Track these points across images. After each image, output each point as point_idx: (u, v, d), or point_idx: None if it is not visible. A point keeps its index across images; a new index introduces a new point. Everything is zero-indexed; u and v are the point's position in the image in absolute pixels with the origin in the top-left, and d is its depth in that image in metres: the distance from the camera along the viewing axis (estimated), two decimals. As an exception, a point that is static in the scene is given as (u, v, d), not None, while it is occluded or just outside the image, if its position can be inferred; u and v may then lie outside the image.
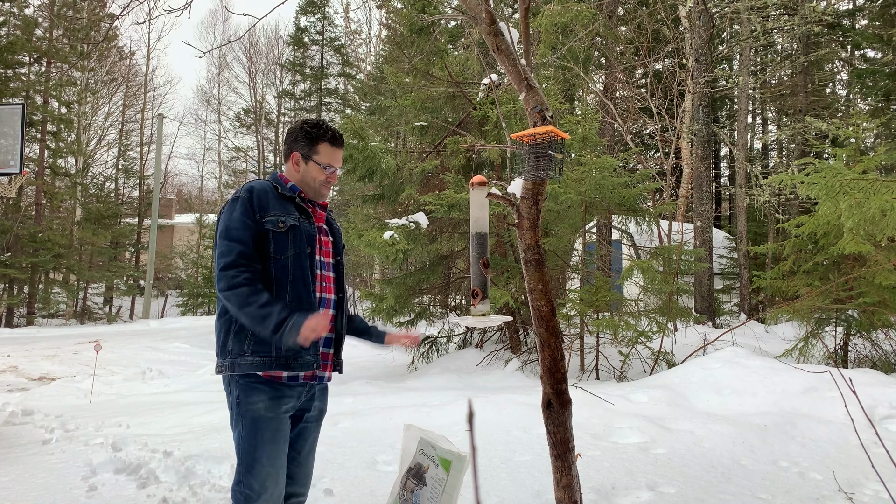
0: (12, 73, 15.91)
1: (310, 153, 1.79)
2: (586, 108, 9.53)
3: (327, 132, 1.80)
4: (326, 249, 1.82)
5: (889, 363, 5.65)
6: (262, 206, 1.67)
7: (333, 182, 1.83)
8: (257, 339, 1.61)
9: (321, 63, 28.34)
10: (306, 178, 1.79)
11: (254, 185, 1.72)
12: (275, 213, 1.67)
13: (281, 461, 1.64)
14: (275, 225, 1.66)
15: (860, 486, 2.82)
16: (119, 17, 4.09)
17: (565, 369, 1.77)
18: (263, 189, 1.71)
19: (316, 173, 1.79)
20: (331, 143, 1.80)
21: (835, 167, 4.39)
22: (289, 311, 1.57)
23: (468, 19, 1.86)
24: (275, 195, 1.72)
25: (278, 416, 1.65)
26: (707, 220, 10.55)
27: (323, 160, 1.79)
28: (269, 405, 1.63)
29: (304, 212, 1.75)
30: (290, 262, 1.66)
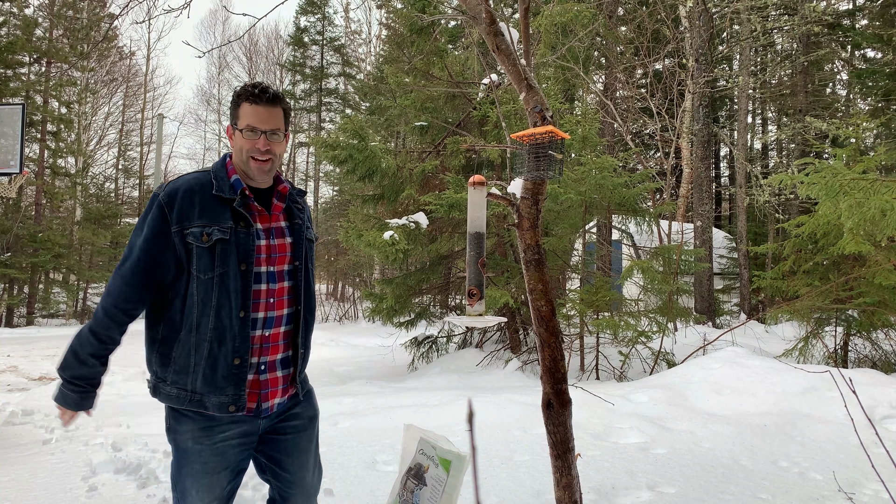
0: (12, 73, 15.91)
1: (233, 119, 1.46)
2: (586, 108, 9.53)
3: (249, 87, 1.45)
4: (279, 256, 1.50)
5: (889, 363, 5.65)
6: (183, 215, 1.38)
7: (264, 152, 1.44)
8: (178, 368, 1.40)
9: (321, 63, 28.35)
10: (235, 154, 1.47)
11: (180, 185, 1.42)
12: (200, 222, 1.38)
13: (216, 493, 1.43)
14: (197, 238, 1.37)
15: (860, 486, 2.82)
16: (119, 16, 4.09)
17: (565, 369, 1.77)
18: (190, 191, 1.40)
19: (239, 142, 1.44)
20: (253, 100, 1.42)
21: (835, 167, 4.39)
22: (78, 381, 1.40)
23: (468, 19, 1.86)
24: (206, 198, 1.41)
25: (211, 448, 1.41)
26: (707, 220, 10.55)
27: (242, 123, 1.43)
28: (199, 436, 1.41)
29: (242, 218, 1.43)
30: (215, 282, 1.38)
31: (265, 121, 1.43)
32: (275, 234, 1.50)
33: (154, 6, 16.56)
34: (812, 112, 12.53)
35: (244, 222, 1.43)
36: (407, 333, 7.71)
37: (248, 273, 1.42)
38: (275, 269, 1.48)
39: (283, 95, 1.48)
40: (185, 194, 1.40)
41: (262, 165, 1.45)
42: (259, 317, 1.45)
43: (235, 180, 1.46)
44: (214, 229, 1.39)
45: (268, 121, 1.44)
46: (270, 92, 1.45)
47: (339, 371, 7.29)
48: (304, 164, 28.60)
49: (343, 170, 7.04)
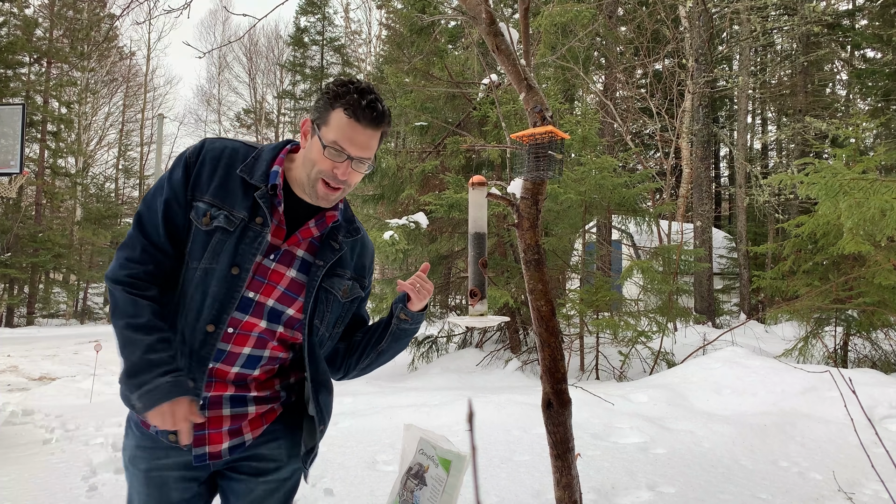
0: (12, 73, 15.92)
1: (319, 121, 1.12)
2: (586, 108, 9.53)
3: (355, 92, 1.10)
4: (276, 287, 1.15)
5: (889, 363, 5.65)
6: (199, 181, 1.13)
7: (341, 179, 1.13)
8: None
9: (321, 63, 28.34)
10: (304, 162, 1.16)
11: (210, 148, 1.16)
12: (211, 198, 1.12)
13: None
14: (199, 216, 1.11)
15: (860, 485, 2.82)
16: (119, 17, 4.10)
17: (565, 369, 1.77)
18: (216, 158, 1.15)
19: (315, 155, 1.12)
20: (353, 114, 1.09)
21: (834, 167, 4.39)
22: (172, 363, 1.06)
23: (468, 19, 1.86)
24: (230, 174, 1.14)
25: (147, 476, 1.15)
26: (707, 220, 10.55)
27: (329, 135, 1.10)
28: (136, 455, 1.16)
29: (260, 213, 1.13)
30: (197, 278, 1.12)
31: (361, 146, 1.11)
32: (281, 258, 1.16)
33: (154, 6, 16.54)
34: (812, 112, 12.54)
35: (261, 218, 1.13)
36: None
37: (237, 283, 1.11)
38: (264, 302, 1.15)
39: (389, 113, 1.16)
40: (211, 160, 1.15)
41: (329, 193, 1.15)
42: (228, 351, 1.14)
43: (274, 172, 1.15)
44: (222, 214, 1.11)
45: (363, 146, 1.12)
46: (379, 109, 1.11)
47: (339, 371, 7.28)
48: (304, 165, 28.63)
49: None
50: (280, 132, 29.00)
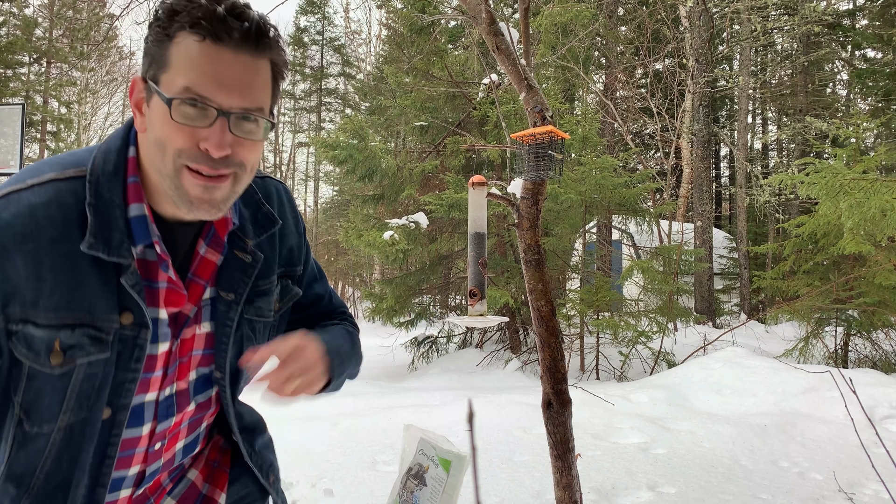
0: (12, 73, 15.92)
1: (155, 68, 0.67)
2: (586, 108, 9.53)
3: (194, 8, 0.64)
4: (185, 362, 0.78)
5: (889, 363, 5.65)
6: (13, 289, 0.64)
7: (217, 156, 0.66)
8: None
9: (321, 63, 28.35)
10: (150, 148, 0.69)
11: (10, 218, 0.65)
12: (50, 313, 0.65)
13: None
14: (39, 350, 0.66)
15: (860, 486, 2.82)
16: (119, 17, 4.11)
17: (565, 369, 1.77)
18: (31, 235, 0.64)
19: (162, 128, 0.66)
20: (207, 31, 0.64)
21: (835, 167, 4.39)
22: None
23: (468, 19, 1.86)
24: (66, 255, 0.66)
25: None
26: (707, 220, 10.55)
27: (176, 82, 0.65)
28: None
29: (130, 305, 0.69)
30: (55, 443, 0.69)
31: (234, 86, 0.65)
32: (191, 320, 0.77)
33: (154, 6, 16.53)
34: (812, 112, 12.54)
35: (132, 314, 0.69)
36: (407, 333, 7.70)
37: (114, 422, 0.71)
38: (174, 391, 0.78)
39: (273, 28, 0.68)
40: (20, 241, 0.64)
41: (208, 189, 0.67)
42: (126, 475, 0.76)
43: (137, 219, 0.69)
44: (83, 332, 0.66)
45: (241, 86, 0.65)
46: (252, 18, 0.65)
47: (339, 371, 7.28)
48: (304, 165, 28.62)
49: (343, 170, 7.04)
50: (279, 132, 29.00)
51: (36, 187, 0.67)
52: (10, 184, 0.68)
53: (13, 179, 0.69)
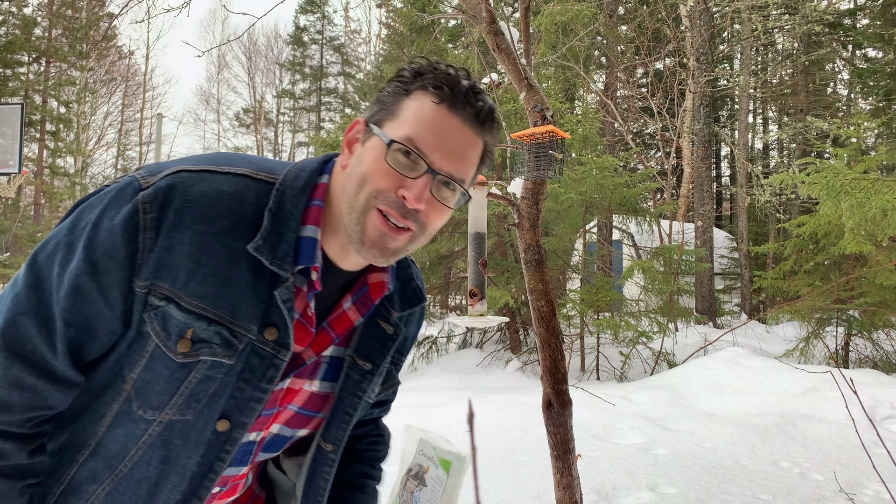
0: (11, 72, 15.92)
1: (381, 115, 0.70)
2: (587, 108, 9.52)
3: (444, 73, 0.69)
4: (285, 410, 0.75)
5: (890, 363, 5.64)
6: (168, 261, 0.63)
7: (412, 208, 0.67)
8: None
9: (321, 62, 28.34)
10: (346, 185, 0.69)
11: (187, 186, 0.64)
12: (197, 300, 0.63)
13: None
14: (167, 331, 0.63)
15: (861, 486, 2.81)
16: (118, 16, 4.11)
17: (566, 370, 1.76)
18: (207, 212, 0.64)
19: (369, 166, 0.67)
20: (446, 97, 0.67)
21: (836, 167, 4.38)
22: None
23: (468, 18, 1.85)
24: (229, 251, 0.65)
25: None
26: (708, 220, 10.54)
27: (400, 129, 0.67)
28: None
29: (274, 319, 0.67)
30: (151, 436, 0.66)
31: (453, 153, 0.67)
32: (305, 370, 0.74)
33: (153, 5, 16.56)
34: (813, 112, 12.53)
35: (274, 330, 0.66)
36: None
37: (230, 437, 0.68)
38: (257, 439, 0.73)
39: (496, 117, 0.72)
40: (194, 219, 0.63)
41: (390, 236, 0.67)
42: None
43: (308, 240, 0.68)
44: (216, 332, 0.64)
45: (458, 156, 0.68)
46: (486, 102, 0.70)
47: (339, 371, 7.29)
48: (304, 164, 28.63)
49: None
50: (279, 132, 29.00)
51: (230, 176, 0.67)
52: (204, 161, 0.68)
53: (208, 158, 0.69)
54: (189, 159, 0.68)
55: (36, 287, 0.62)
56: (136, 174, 0.66)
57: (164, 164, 0.67)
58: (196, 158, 0.69)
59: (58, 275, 0.62)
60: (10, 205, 15.91)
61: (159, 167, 0.67)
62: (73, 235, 0.63)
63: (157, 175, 0.65)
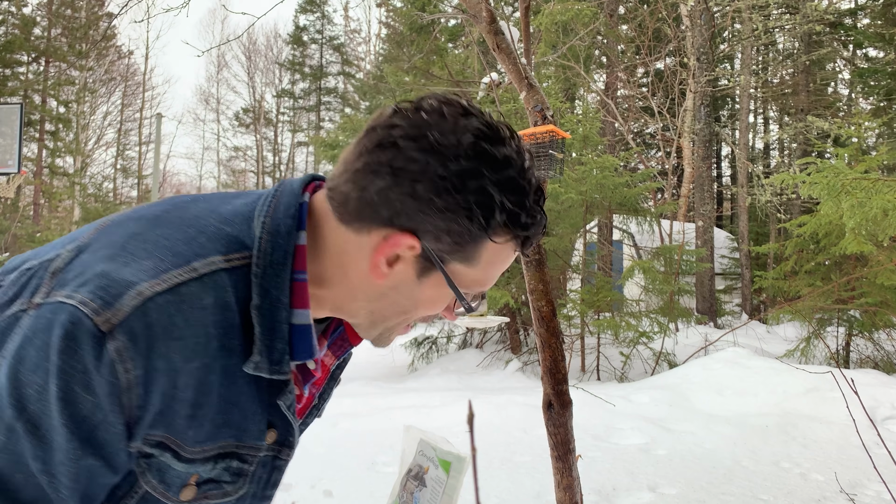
0: (10, 72, 15.92)
1: (454, 252, 0.55)
2: (587, 108, 9.51)
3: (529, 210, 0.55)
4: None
5: (891, 364, 5.63)
6: (156, 415, 0.50)
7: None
8: None
9: (320, 62, 28.35)
10: (380, 302, 0.59)
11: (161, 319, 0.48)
12: (194, 442, 0.53)
13: None
14: (167, 484, 0.53)
15: (862, 487, 2.80)
16: (117, 16, 4.11)
17: (566, 370, 1.75)
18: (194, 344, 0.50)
19: (425, 301, 0.59)
20: (524, 244, 0.58)
21: (837, 167, 4.37)
22: None
23: (468, 18, 1.84)
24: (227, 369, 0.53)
25: None
26: (708, 220, 10.53)
27: (472, 275, 0.57)
28: None
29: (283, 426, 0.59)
30: None
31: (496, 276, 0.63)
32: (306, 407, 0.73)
33: (153, 5, 16.56)
34: (814, 111, 12.52)
35: (277, 432, 0.60)
36: (406, 334, 7.68)
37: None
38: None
39: None
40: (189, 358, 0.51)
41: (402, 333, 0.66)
42: None
43: (302, 329, 0.57)
44: (224, 465, 0.57)
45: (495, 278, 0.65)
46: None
47: (339, 371, 7.28)
48: (303, 164, 28.61)
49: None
50: (279, 131, 28.99)
51: (206, 278, 0.51)
52: (165, 261, 0.50)
53: (166, 253, 0.50)
54: (138, 253, 0.50)
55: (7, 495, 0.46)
56: (75, 304, 0.46)
57: (110, 277, 0.47)
58: (147, 251, 0.50)
59: (41, 471, 0.47)
60: (9, 205, 15.91)
61: (106, 286, 0.47)
62: (29, 413, 0.46)
63: (117, 307, 0.46)
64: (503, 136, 0.54)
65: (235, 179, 28.95)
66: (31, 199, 17.93)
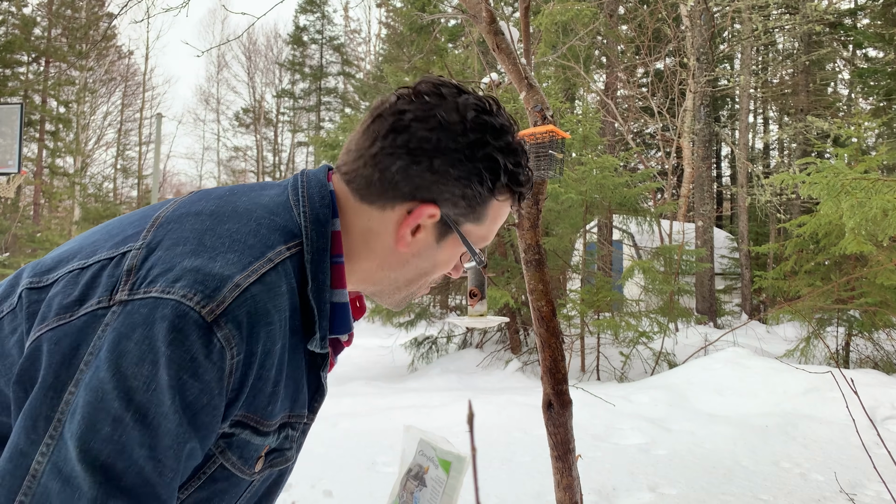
0: (10, 72, 15.93)
1: (466, 214, 0.64)
2: (587, 108, 9.52)
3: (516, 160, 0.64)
4: None
5: (891, 363, 5.64)
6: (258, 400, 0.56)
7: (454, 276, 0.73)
8: None
9: (320, 62, 28.35)
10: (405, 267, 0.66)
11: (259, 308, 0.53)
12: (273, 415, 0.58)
13: None
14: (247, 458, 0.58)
15: (862, 486, 2.81)
16: (117, 16, 4.11)
17: (566, 370, 1.75)
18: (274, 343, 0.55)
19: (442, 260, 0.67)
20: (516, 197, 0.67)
21: (836, 167, 4.37)
22: None
23: (468, 18, 1.84)
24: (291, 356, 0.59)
25: None
26: (708, 220, 10.53)
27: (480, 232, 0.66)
28: None
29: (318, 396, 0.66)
30: None
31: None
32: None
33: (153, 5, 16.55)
34: (814, 111, 12.52)
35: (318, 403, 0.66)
36: (406, 334, 7.69)
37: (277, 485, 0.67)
38: None
39: None
40: (275, 341, 0.55)
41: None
42: None
43: (342, 307, 0.62)
44: (284, 434, 0.61)
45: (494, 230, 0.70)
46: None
47: (338, 371, 7.28)
48: (303, 164, 28.60)
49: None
50: (279, 131, 28.99)
51: (280, 267, 0.55)
52: (247, 254, 0.53)
53: (245, 248, 0.54)
54: (218, 248, 0.53)
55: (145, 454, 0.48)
56: (177, 298, 0.49)
57: (205, 272, 0.51)
58: (227, 246, 0.53)
59: (147, 457, 0.48)
60: (9, 205, 15.91)
61: (204, 281, 0.50)
62: (137, 404, 0.48)
63: (219, 299, 0.50)
64: (494, 108, 0.63)
65: (236, 180, 28.94)
66: (31, 199, 17.94)
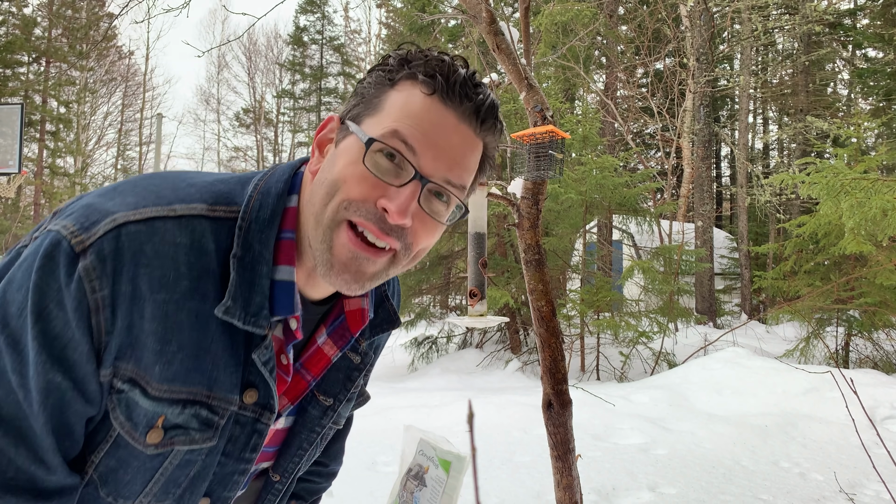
0: (11, 72, 15.93)
1: (359, 110, 0.59)
2: (587, 108, 9.53)
3: (436, 60, 0.57)
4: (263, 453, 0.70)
5: (890, 363, 5.64)
6: (131, 342, 0.52)
7: (395, 223, 0.55)
8: None
9: (320, 62, 28.36)
10: (315, 193, 0.58)
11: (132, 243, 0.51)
12: (167, 384, 0.54)
13: None
14: (135, 422, 0.54)
15: (861, 486, 2.81)
16: (118, 16, 4.11)
17: (566, 370, 1.76)
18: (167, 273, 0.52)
19: (342, 170, 0.56)
20: (438, 87, 0.56)
21: (836, 167, 4.38)
22: None
23: (468, 18, 1.85)
24: (200, 310, 0.54)
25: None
26: (708, 220, 10.54)
27: (383, 122, 0.56)
28: None
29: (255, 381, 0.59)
30: None
31: (448, 152, 0.57)
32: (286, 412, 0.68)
33: (153, 5, 16.57)
34: (813, 111, 12.53)
35: (254, 392, 0.59)
36: (407, 334, 7.69)
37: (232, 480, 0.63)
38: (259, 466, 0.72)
39: (499, 114, 0.61)
40: (155, 287, 0.52)
41: (362, 255, 0.56)
42: None
43: (283, 285, 0.58)
44: (193, 412, 0.56)
45: (454, 157, 0.57)
46: (484, 95, 0.58)
47: (339, 371, 7.28)
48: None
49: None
50: (279, 132, 29.01)
51: (185, 220, 0.53)
52: (147, 198, 0.53)
53: (150, 192, 0.54)
54: (126, 192, 0.54)
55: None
56: (59, 228, 0.50)
57: (94, 207, 0.51)
58: (135, 192, 0.54)
59: (18, 384, 0.49)
60: (9, 205, 15.92)
61: (88, 214, 0.51)
62: (11, 329, 0.49)
63: (92, 231, 0.50)
64: (430, 57, 0.59)
65: (235, 180, 28.89)
66: (31, 200, 17.94)
